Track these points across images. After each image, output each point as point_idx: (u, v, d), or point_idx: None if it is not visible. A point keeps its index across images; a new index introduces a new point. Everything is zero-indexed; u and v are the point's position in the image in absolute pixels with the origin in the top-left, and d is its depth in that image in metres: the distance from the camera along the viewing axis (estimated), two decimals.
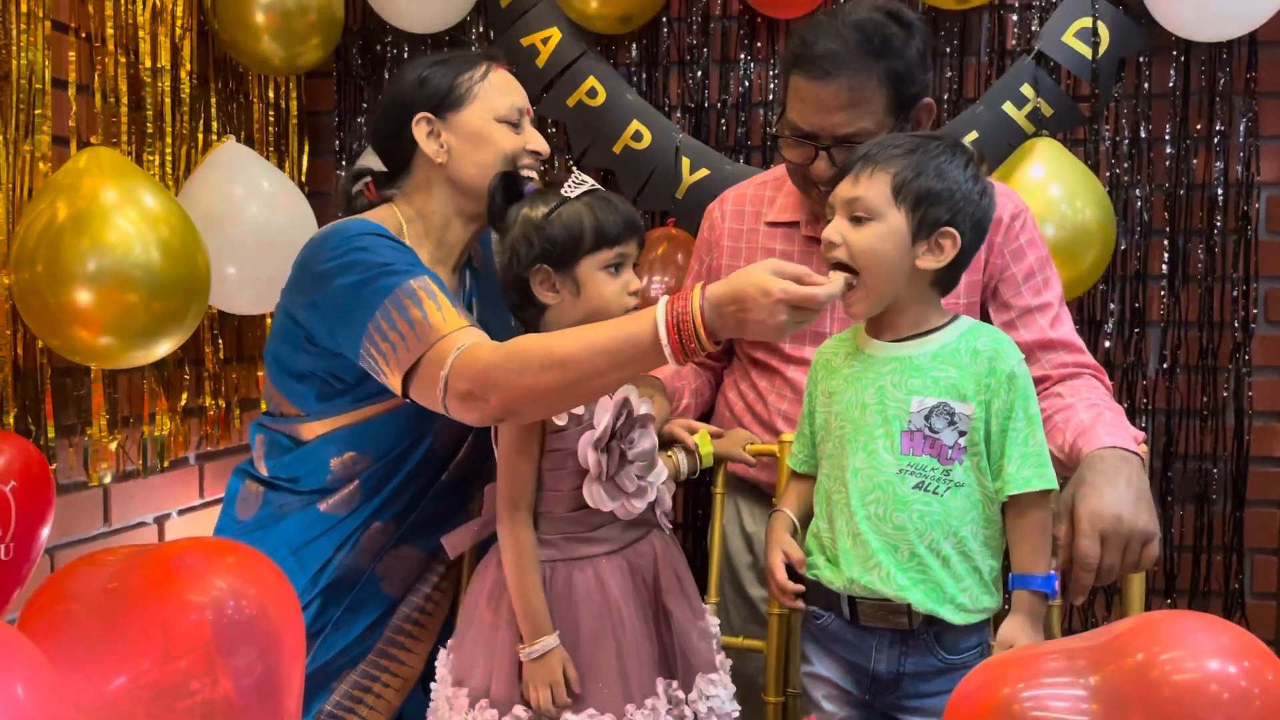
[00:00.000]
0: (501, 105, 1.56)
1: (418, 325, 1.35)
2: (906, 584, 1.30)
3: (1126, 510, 1.35)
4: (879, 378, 1.34)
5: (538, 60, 2.44)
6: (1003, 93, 2.29)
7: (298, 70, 2.42)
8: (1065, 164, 2.19)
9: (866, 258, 1.30)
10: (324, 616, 1.55)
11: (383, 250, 1.42)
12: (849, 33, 1.55)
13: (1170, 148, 2.34)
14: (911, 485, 1.30)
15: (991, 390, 1.30)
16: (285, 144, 2.54)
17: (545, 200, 1.42)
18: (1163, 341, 2.37)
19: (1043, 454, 1.31)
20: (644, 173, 2.39)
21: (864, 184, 1.31)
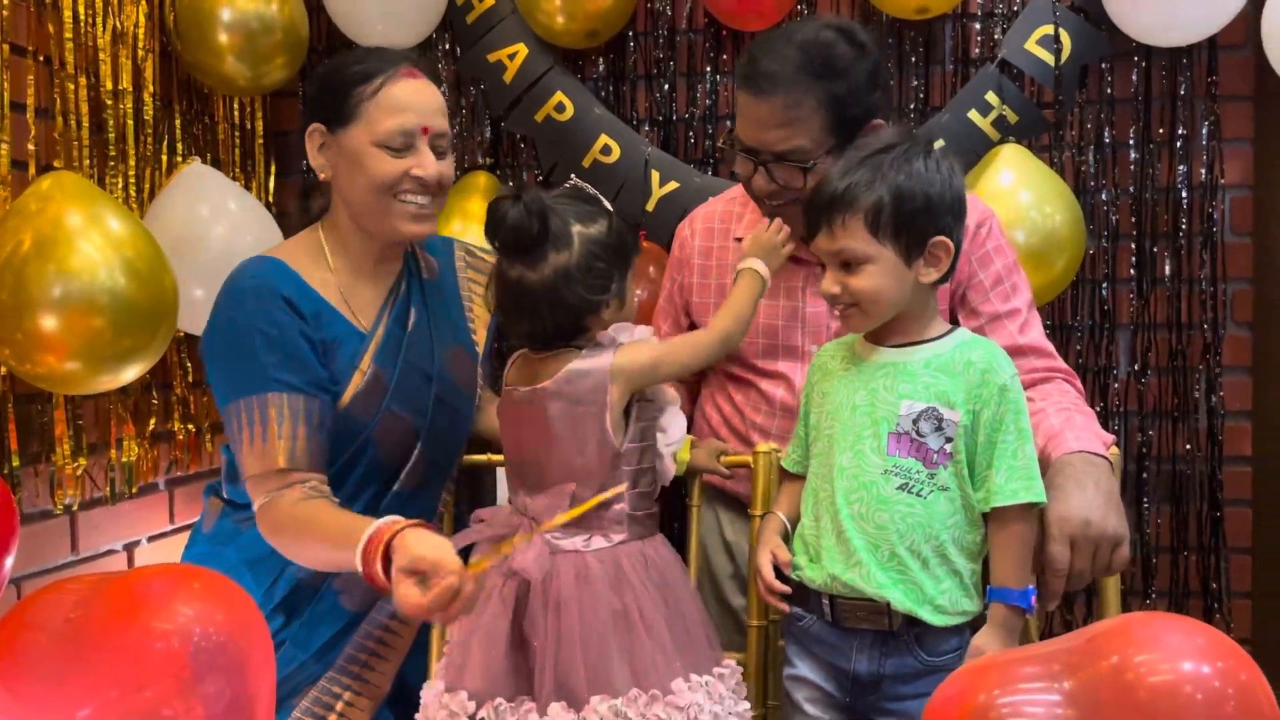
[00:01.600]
0: (383, 128, 1.51)
1: (261, 445, 1.45)
2: (886, 583, 1.32)
3: (1095, 514, 1.37)
4: (871, 380, 1.37)
5: (505, 76, 2.44)
6: (967, 101, 2.31)
7: (263, 90, 2.41)
8: (1033, 170, 2.21)
9: (870, 297, 1.34)
10: (283, 632, 1.54)
11: (250, 340, 1.47)
12: (792, 52, 1.56)
13: (1135, 152, 2.37)
14: (895, 486, 1.32)
15: (982, 401, 1.32)
16: (251, 164, 2.53)
17: (589, 213, 1.38)
18: (1133, 344, 2.40)
19: (1031, 467, 1.32)
20: (613, 186, 2.39)
21: (840, 235, 1.33)
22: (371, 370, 1.56)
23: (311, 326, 1.52)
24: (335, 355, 1.55)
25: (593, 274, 1.36)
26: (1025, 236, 2.14)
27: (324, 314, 1.55)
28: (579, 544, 1.38)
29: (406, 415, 1.59)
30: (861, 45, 1.59)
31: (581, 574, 1.36)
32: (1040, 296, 2.24)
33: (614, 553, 1.38)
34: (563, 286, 1.35)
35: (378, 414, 1.56)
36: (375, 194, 1.53)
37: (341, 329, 1.56)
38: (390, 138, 1.51)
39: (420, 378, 1.61)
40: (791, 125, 1.56)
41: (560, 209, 1.36)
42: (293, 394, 1.47)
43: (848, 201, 1.31)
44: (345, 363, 1.55)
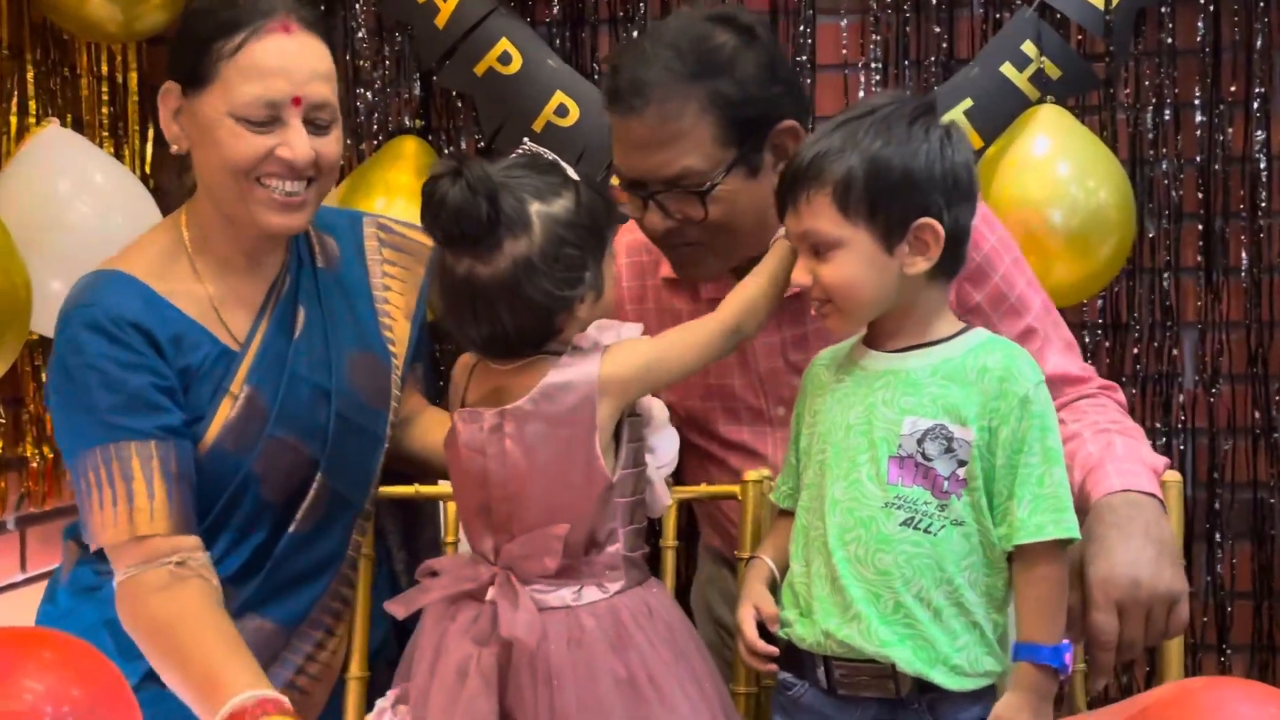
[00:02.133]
0: (241, 96, 1.47)
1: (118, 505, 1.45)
2: (891, 639, 1.31)
3: (1145, 571, 1.37)
4: (869, 394, 1.37)
5: (437, 20, 2.42)
6: (1000, 52, 2.31)
7: (137, 36, 2.37)
8: (1075, 136, 2.21)
9: (842, 290, 1.34)
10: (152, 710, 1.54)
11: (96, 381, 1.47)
12: (660, 52, 1.54)
13: (1200, 114, 2.39)
14: (899, 521, 1.32)
15: (999, 416, 1.31)
16: (123, 127, 2.50)
17: (549, 185, 1.34)
18: (1200, 347, 2.41)
19: (1061, 496, 1.32)
20: (572, 154, 2.30)
21: (806, 214, 1.34)
22: (245, 393, 1.55)
23: (171, 356, 1.51)
24: (201, 383, 1.54)
25: (561, 262, 1.33)
26: (1063, 217, 2.15)
27: (187, 335, 1.54)
28: (568, 598, 1.36)
29: (297, 441, 1.58)
30: (747, 30, 1.57)
31: (575, 636, 1.35)
32: (1082, 291, 2.26)
33: (612, 605, 1.37)
34: (525, 281, 1.32)
35: (257, 444, 1.55)
36: (230, 177, 1.50)
37: (208, 349, 1.55)
38: (250, 109, 1.47)
39: (313, 394, 1.60)
40: (674, 143, 1.52)
41: (513, 184, 1.32)
42: (142, 441, 1.47)
43: (813, 174, 1.32)
44: (209, 389, 1.54)
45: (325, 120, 1.54)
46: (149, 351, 1.49)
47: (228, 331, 1.58)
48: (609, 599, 1.37)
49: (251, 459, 1.55)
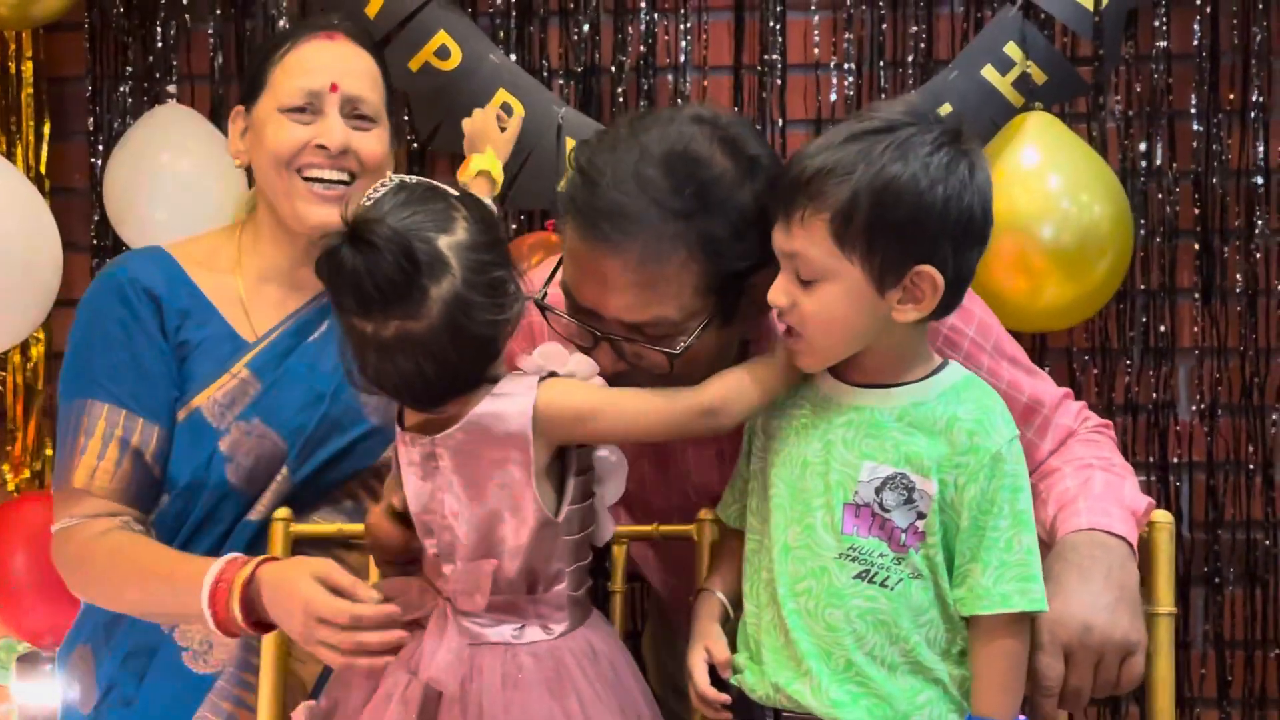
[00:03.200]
0: (285, 91, 1.69)
1: (69, 456, 1.64)
2: (843, 699, 1.31)
3: (1100, 616, 1.38)
4: (829, 429, 1.36)
5: (368, 9, 2.40)
6: (981, 54, 2.32)
7: (33, 22, 2.38)
8: (1066, 146, 2.21)
9: (819, 325, 1.31)
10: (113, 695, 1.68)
11: (98, 337, 1.66)
12: (649, 175, 1.38)
13: (1197, 123, 2.41)
14: (852, 574, 1.32)
15: (968, 472, 1.31)
16: (16, 122, 2.50)
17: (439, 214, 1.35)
18: (1196, 375, 2.43)
19: (1030, 564, 1.32)
20: (515, 158, 2.30)
21: (798, 234, 1.29)
22: (243, 375, 1.70)
23: (171, 325, 1.68)
24: (196, 357, 1.70)
25: (489, 286, 1.34)
26: (1054, 233, 2.14)
27: (197, 313, 1.71)
28: (508, 634, 1.39)
29: (271, 430, 1.70)
30: (751, 161, 1.42)
31: (511, 675, 1.37)
32: (1074, 314, 2.26)
33: (553, 647, 1.40)
34: (463, 319, 1.32)
35: (233, 421, 1.69)
36: (276, 170, 1.69)
37: (214, 330, 1.71)
38: (292, 98, 1.68)
39: (305, 393, 1.72)
40: (651, 287, 1.39)
41: (412, 226, 1.32)
42: (114, 406, 1.65)
43: (814, 192, 1.27)
44: (211, 366, 1.69)
45: (365, 114, 1.72)
46: (154, 321, 1.67)
47: (249, 325, 1.74)
48: (551, 640, 1.40)
49: (222, 435, 1.67)
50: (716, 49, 2.52)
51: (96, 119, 2.60)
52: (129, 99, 2.58)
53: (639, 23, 2.51)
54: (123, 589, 1.63)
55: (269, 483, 1.69)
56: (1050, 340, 2.45)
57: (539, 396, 1.36)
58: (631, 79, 2.51)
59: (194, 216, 2.34)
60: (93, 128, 2.60)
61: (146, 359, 1.67)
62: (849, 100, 2.49)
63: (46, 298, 2.23)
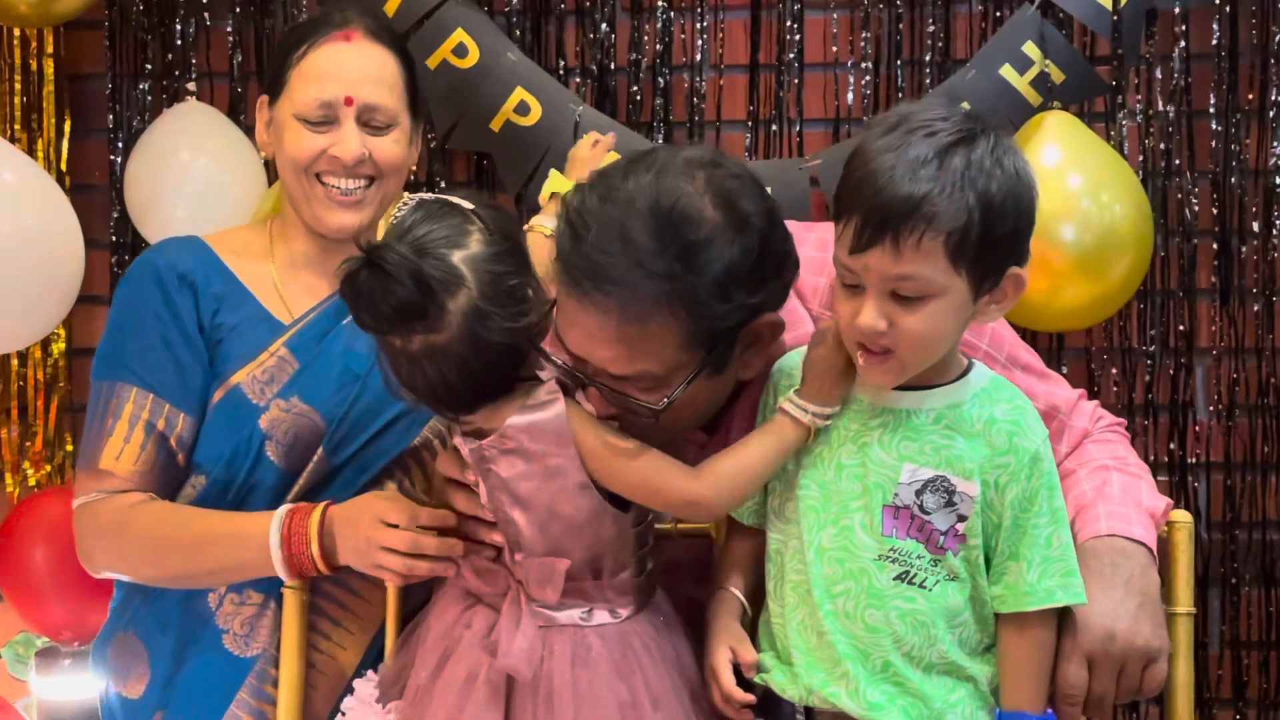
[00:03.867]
0: (300, 98, 1.70)
1: (96, 436, 1.68)
2: (881, 700, 1.32)
3: (1122, 623, 1.39)
4: (864, 432, 1.37)
5: (386, 7, 2.40)
6: (999, 53, 2.31)
7: (54, 19, 2.38)
8: (1087, 145, 2.20)
9: (922, 343, 1.30)
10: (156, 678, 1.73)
11: (131, 321, 1.70)
12: (633, 230, 1.35)
13: (1216, 123, 2.40)
14: (892, 576, 1.33)
15: (1009, 473, 1.33)
16: (37, 120, 2.51)
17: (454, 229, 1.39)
18: (1214, 375, 2.42)
19: (1069, 559, 1.34)
20: (532, 157, 2.37)
21: (910, 256, 1.26)
22: (281, 353, 1.73)
23: (206, 309, 1.71)
24: (233, 339, 1.72)
25: (506, 295, 1.39)
26: (1075, 234, 2.13)
27: (232, 297, 1.74)
28: (576, 617, 1.43)
29: (310, 408, 1.72)
30: (741, 220, 1.37)
31: (580, 656, 1.41)
32: (1094, 314, 2.25)
33: (621, 630, 1.44)
34: (481, 329, 1.37)
35: (272, 398, 1.71)
36: (295, 175, 1.72)
37: (250, 313, 1.74)
38: (307, 109, 1.70)
39: (342, 373, 1.73)
40: (633, 343, 1.37)
41: (426, 244, 1.37)
42: (142, 390, 1.68)
43: (927, 214, 1.25)
44: (248, 347, 1.72)
45: (380, 122, 1.71)
46: (190, 307, 1.70)
47: (284, 308, 1.77)
48: (618, 624, 1.44)
49: (261, 411, 1.70)
50: (733, 48, 2.52)
51: (116, 116, 2.60)
52: (148, 97, 2.58)
53: (655, 21, 2.50)
54: (169, 554, 1.65)
55: (306, 463, 1.71)
56: (1070, 341, 2.44)
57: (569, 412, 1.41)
58: (648, 77, 2.51)
59: (214, 213, 2.37)
60: (112, 125, 2.60)
61: (178, 347, 1.70)
62: (866, 100, 2.48)
63: (68, 294, 2.23)
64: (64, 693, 2.34)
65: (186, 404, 1.69)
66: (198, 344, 1.71)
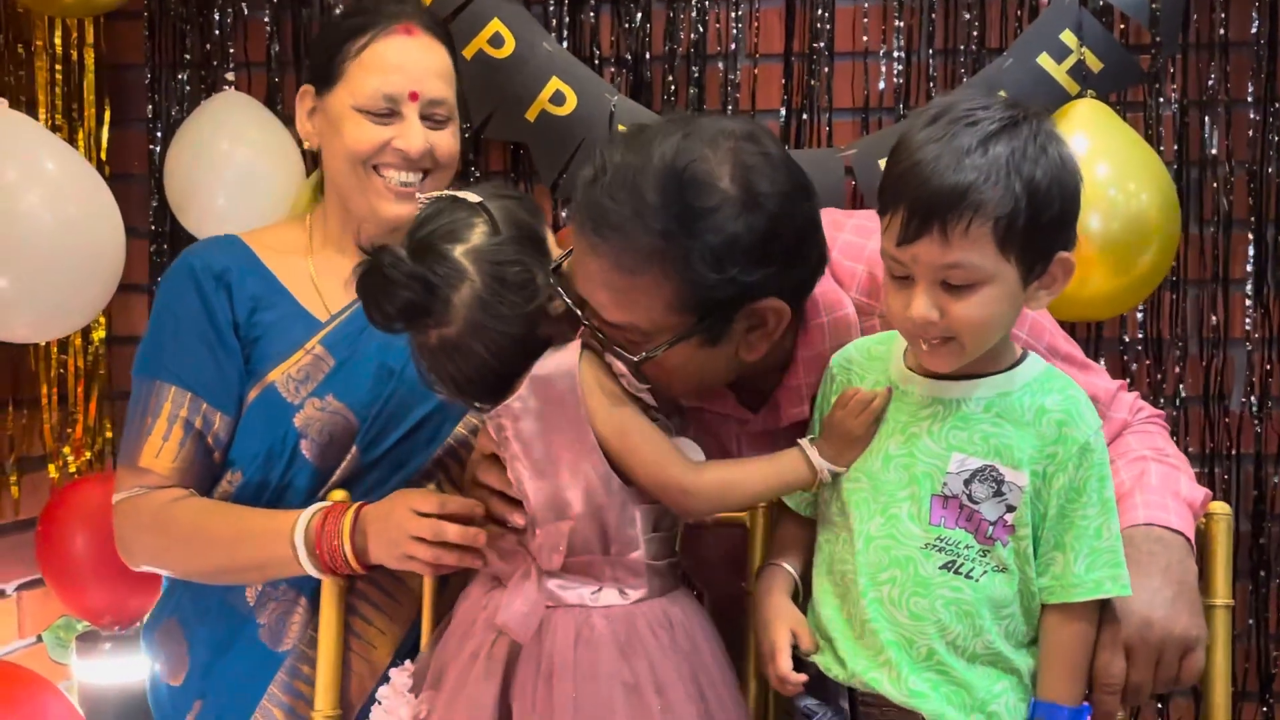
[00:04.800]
0: (363, 89, 1.69)
1: (136, 434, 1.69)
2: (923, 689, 1.32)
3: (1159, 611, 1.38)
4: (912, 422, 1.37)
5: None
6: (1037, 41, 2.28)
7: (95, 10, 2.37)
8: (1113, 133, 2.17)
9: (977, 329, 1.30)
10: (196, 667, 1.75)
11: (169, 321, 1.71)
12: (642, 185, 1.34)
13: (1254, 112, 2.37)
14: (938, 565, 1.33)
15: (1057, 463, 1.32)
16: (78, 109, 2.50)
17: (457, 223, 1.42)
18: (1248, 366, 2.40)
19: (1117, 550, 1.33)
20: (567, 147, 2.37)
21: (959, 245, 1.26)
22: (317, 351, 1.73)
23: (242, 308, 1.71)
24: (270, 338, 1.72)
25: (510, 284, 1.41)
26: (1101, 222, 2.11)
27: (268, 296, 1.74)
28: (585, 597, 1.43)
29: (345, 406, 1.72)
30: (753, 198, 1.35)
31: (584, 636, 1.40)
32: (1119, 304, 2.23)
33: (629, 612, 1.43)
34: (488, 318, 1.41)
35: (307, 397, 1.71)
36: (351, 166, 1.72)
37: (286, 311, 1.74)
38: (371, 102, 1.69)
39: (378, 369, 1.73)
40: (624, 293, 1.38)
41: (428, 240, 1.41)
42: (180, 388, 1.69)
43: (974, 202, 1.25)
44: (284, 345, 1.72)
45: (442, 116, 1.73)
46: (226, 307, 1.71)
47: (321, 303, 1.76)
48: (627, 606, 1.43)
49: (296, 410, 1.70)
50: (768, 36, 2.50)
51: (156, 106, 2.63)
52: (187, 86, 2.61)
53: (690, 10, 2.50)
54: (206, 549, 1.65)
55: (340, 460, 1.71)
56: (1100, 330, 2.43)
57: (582, 368, 1.40)
58: (683, 67, 2.50)
59: (253, 203, 2.39)
60: (152, 115, 2.63)
61: (215, 346, 1.70)
62: (898, 89, 2.46)
63: (109, 283, 2.22)
64: (104, 676, 2.33)
65: (223, 403, 1.70)
66: (233, 344, 1.71)
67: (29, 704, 1.70)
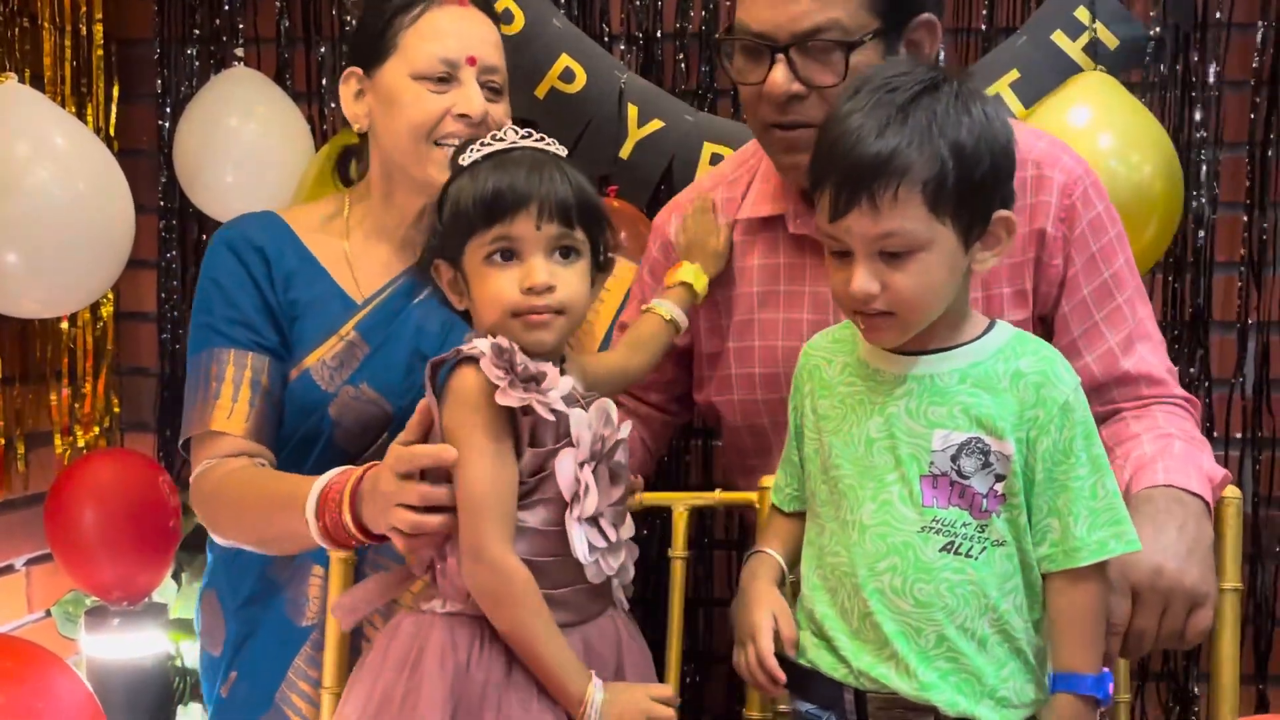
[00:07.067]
0: (420, 57, 1.66)
1: (202, 404, 1.67)
2: (934, 678, 1.27)
3: (1172, 562, 1.37)
4: (889, 402, 1.32)
5: None
6: (1051, 18, 2.26)
7: None
8: (1118, 104, 2.16)
9: (916, 300, 1.27)
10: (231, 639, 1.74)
11: (217, 291, 1.69)
12: None
13: (1256, 95, 2.36)
14: (938, 547, 1.28)
15: (1039, 426, 1.27)
16: (87, 84, 2.50)
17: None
18: (1243, 347, 2.39)
19: (1117, 506, 1.28)
20: (576, 125, 2.33)
21: (889, 213, 1.25)
22: (351, 337, 1.71)
23: (280, 284, 1.70)
24: (306, 317, 1.70)
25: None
26: None
27: (304, 272, 1.72)
28: (435, 605, 1.40)
29: (379, 394, 1.69)
30: None
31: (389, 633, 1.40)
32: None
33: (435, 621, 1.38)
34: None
35: (341, 385, 1.69)
36: (412, 137, 1.67)
37: (323, 290, 1.71)
38: (430, 66, 1.66)
39: (411, 355, 1.70)
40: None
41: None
42: (240, 350, 1.68)
43: (899, 168, 1.23)
44: (320, 327, 1.70)
45: (497, 84, 1.71)
46: (264, 275, 1.70)
47: (355, 284, 1.73)
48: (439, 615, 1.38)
49: (330, 397, 1.68)
50: None
51: (164, 82, 2.62)
52: (196, 62, 2.60)
53: None
54: (247, 520, 1.62)
55: (370, 446, 1.68)
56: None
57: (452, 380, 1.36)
58: (693, 45, 2.48)
59: (262, 178, 2.41)
60: (161, 90, 2.61)
61: (254, 308, 1.70)
62: None
63: (119, 259, 2.24)
64: (113, 651, 2.31)
65: (279, 356, 1.70)
66: (275, 300, 1.70)
67: (37, 679, 1.67)
